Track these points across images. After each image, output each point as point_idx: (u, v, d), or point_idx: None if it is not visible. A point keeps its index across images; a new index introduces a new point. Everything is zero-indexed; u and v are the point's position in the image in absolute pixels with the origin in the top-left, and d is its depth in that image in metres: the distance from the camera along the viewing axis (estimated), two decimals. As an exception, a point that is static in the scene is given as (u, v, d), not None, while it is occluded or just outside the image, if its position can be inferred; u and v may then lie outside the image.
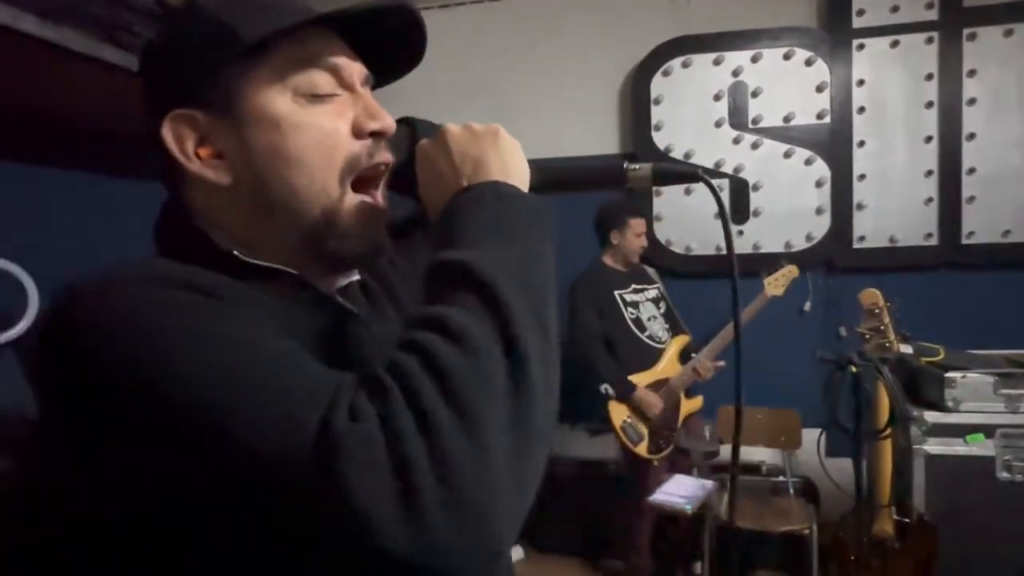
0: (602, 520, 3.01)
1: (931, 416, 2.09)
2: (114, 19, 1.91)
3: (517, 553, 3.06)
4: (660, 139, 3.28)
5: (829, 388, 1.73)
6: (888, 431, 1.74)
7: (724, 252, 2.88)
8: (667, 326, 2.78)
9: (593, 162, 0.70)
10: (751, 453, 2.96)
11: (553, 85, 3.45)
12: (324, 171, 0.55)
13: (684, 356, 2.74)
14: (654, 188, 3.30)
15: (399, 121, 0.75)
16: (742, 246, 3.24)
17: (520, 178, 0.59)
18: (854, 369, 1.68)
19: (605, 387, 2.52)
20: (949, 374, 2.07)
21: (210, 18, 0.54)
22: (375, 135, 0.58)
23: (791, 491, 2.71)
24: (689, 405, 2.69)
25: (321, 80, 0.56)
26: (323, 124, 0.55)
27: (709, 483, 1.47)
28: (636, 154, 3.32)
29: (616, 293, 2.71)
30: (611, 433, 3.29)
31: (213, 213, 0.56)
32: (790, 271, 2.76)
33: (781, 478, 2.81)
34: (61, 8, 1.71)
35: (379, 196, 0.61)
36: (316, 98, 0.55)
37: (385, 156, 0.59)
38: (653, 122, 3.28)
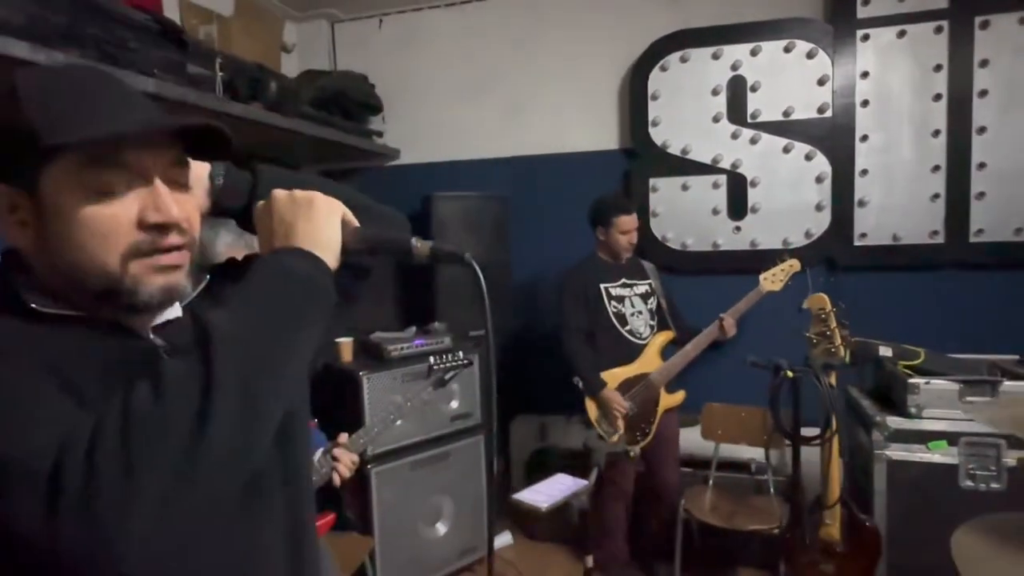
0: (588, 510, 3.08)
1: (893, 421, 2.05)
2: (111, 38, 2.08)
3: (505, 539, 3.18)
4: (657, 135, 3.27)
5: (770, 392, 1.75)
6: (825, 437, 1.73)
7: (722, 249, 2.98)
8: (652, 323, 2.79)
9: (395, 233, 0.79)
10: (738, 451, 2.96)
11: (556, 81, 3.49)
12: (104, 256, 0.64)
13: (666, 352, 2.75)
14: (651, 183, 3.31)
15: (246, 168, 0.84)
16: (739, 242, 3.22)
17: (327, 245, 0.69)
18: (789, 374, 1.69)
19: (577, 380, 2.57)
20: (912, 380, 2.03)
21: (23, 114, 0.62)
22: (159, 227, 0.65)
23: (772, 490, 2.71)
24: (669, 400, 2.72)
25: (111, 178, 0.63)
26: (106, 218, 0.63)
27: (583, 483, 1.52)
28: (634, 149, 3.34)
29: (602, 286, 2.73)
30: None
31: (31, 265, 0.67)
32: (790, 265, 2.70)
33: (767, 477, 2.80)
34: (60, 32, 1.89)
35: (178, 256, 0.68)
36: (104, 195, 0.63)
37: (172, 240, 0.67)
38: (650, 118, 3.27)
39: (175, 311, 0.74)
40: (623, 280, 2.80)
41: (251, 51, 3.14)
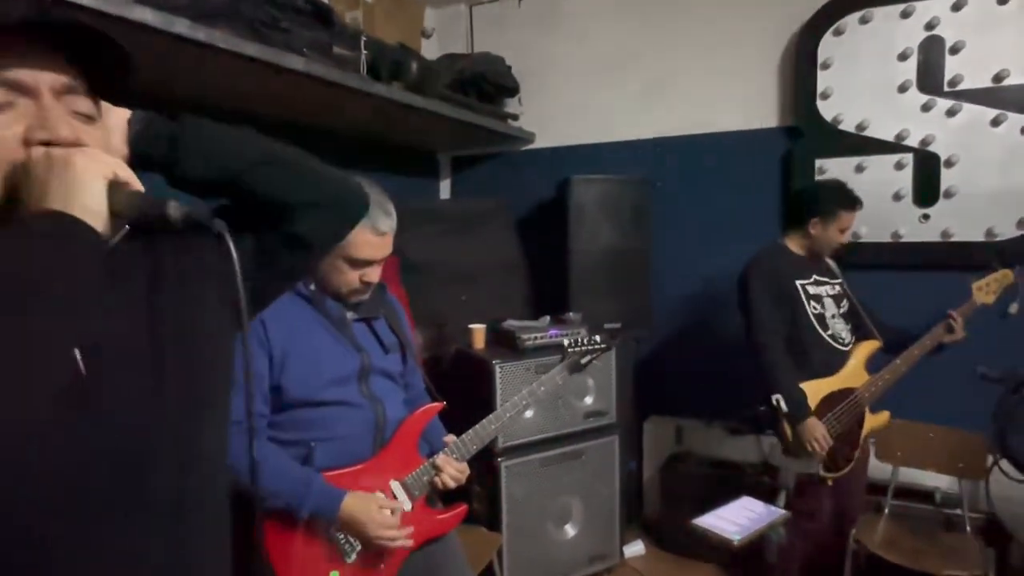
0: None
1: None
2: (265, 17, 2.11)
3: (637, 548, 2.95)
4: (827, 109, 2.87)
5: (999, 411, 1.39)
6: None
7: (905, 240, 2.62)
8: (849, 327, 2.35)
9: (154, 199, 0.70)
10: (922, 478, 2.53)
11: (705, 54, 3.17)
12: None
13: (871, 364, 2.32)
14: (817, 165, 2.90)
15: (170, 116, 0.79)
16: (927, 233, 2.74)
17: (85, 208, 0.62)
18: (1032, 390, 1.33)
19: (777, 398, 2.12)
20: None
21: None
22: (45, 144, 0.62)
23: (968, 529, 2.26)
24: (873, 420, 2.30)
25: None
26: None
27: (778, 511, 1.24)
28: (798, 126, 2.95)
29: (798, 283, 2.31)
30: (751, 435, 3.02)
31: None
32: (1004, 275, 2.33)
33: (958, 511, 2.35)
34: (219, 11, 1.93)
35: None
36: None
37: None
38: (819, 89, 2.87)
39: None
40: (815, 278, 2.36)
41: (392, 37, 3.13)
